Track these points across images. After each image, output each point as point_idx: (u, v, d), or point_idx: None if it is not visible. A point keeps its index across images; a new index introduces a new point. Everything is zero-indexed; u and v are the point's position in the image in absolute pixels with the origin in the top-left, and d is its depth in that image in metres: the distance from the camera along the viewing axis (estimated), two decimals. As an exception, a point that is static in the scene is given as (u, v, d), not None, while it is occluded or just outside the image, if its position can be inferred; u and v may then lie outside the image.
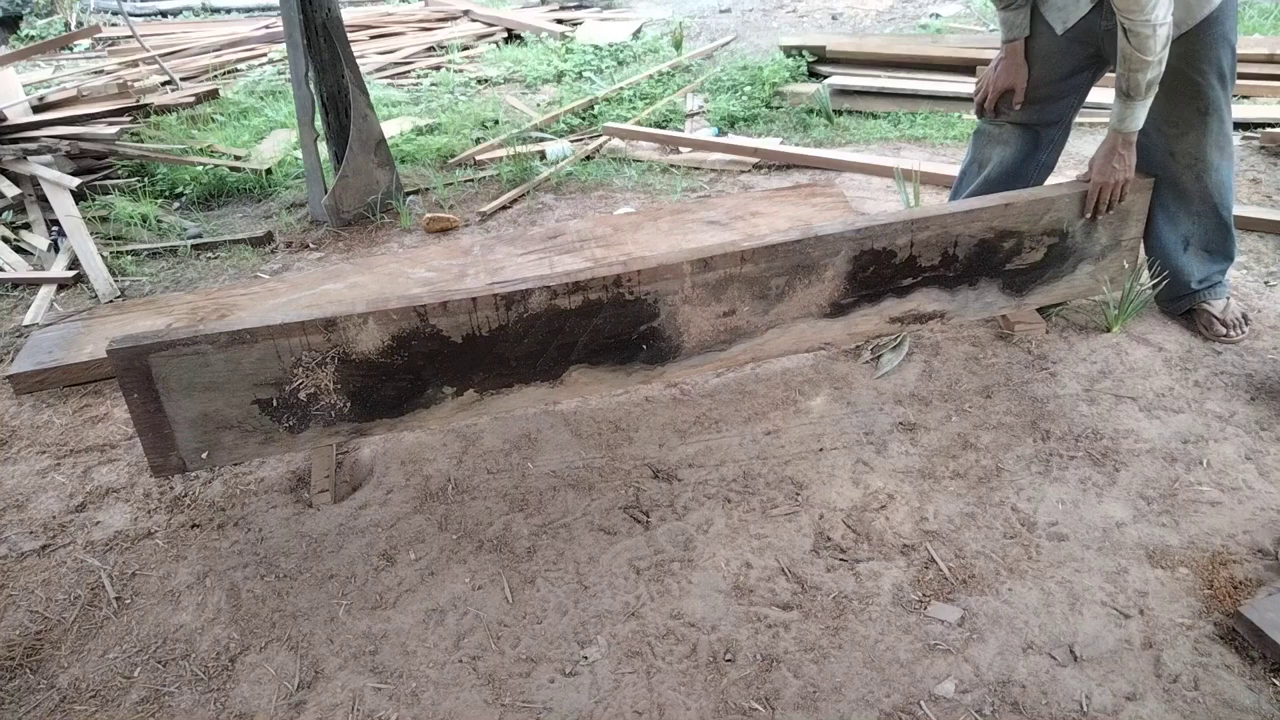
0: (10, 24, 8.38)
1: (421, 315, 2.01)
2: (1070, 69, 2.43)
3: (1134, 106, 2.17)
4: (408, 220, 3.75)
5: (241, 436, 2.05)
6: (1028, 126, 2.57)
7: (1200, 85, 2.24)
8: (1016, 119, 2.57)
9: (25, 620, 1.91)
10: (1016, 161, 2.61)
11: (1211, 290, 2.52)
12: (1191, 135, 2.32)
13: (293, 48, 3.60)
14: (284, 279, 3.23)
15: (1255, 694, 1.57)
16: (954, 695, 1.60)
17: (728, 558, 1.92)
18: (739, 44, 6.31)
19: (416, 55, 6.53)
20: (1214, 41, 2.19)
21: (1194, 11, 2.15)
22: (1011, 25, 2.44)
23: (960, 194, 2.77)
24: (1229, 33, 2.21)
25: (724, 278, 2.18)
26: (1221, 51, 2.21)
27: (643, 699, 1.63)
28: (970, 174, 2.73)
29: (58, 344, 2.82)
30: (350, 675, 1.73)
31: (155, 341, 1.90)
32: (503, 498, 2.14)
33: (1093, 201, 2.33)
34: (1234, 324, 2.49)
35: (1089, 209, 2.34)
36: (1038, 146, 2.60)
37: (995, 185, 2.60)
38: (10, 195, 4.10)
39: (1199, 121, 2.29)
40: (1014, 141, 2.60)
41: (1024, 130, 2.58)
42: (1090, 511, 1.98)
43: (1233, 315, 2.50)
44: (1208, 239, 2.47)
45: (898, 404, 2.36)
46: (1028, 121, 2.56)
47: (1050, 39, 2.40)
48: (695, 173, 4.09)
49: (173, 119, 5.10)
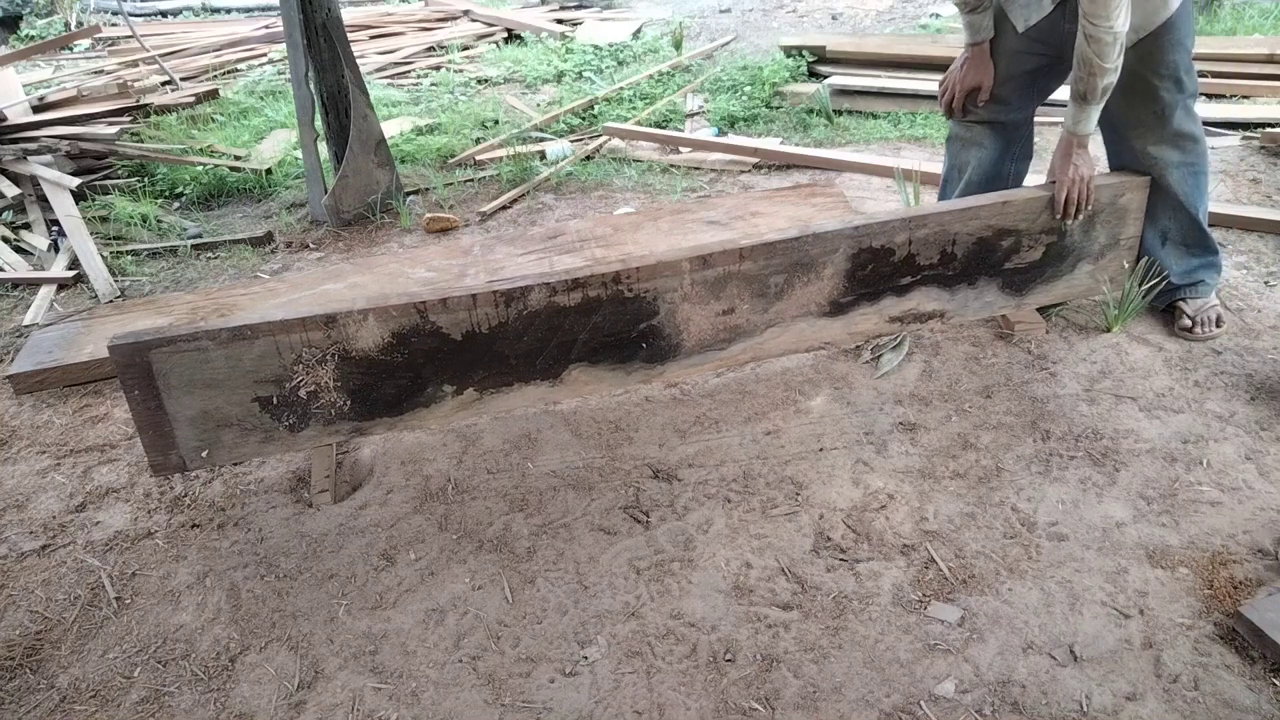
0: (10, 24, 8.38)
1: (421, 312, 2.01)
2: (1033, 67, 2.49)
3: (1088, 110, 2.24)
4: (408, 220, 3.75)
5: (241, 435, 2.05)
6: (996, 125, 2.62)
7: (1156, 89, 2.31)
8: (982, 117, 2.61)
9: (25, 620, 1.91)
10: (993, 162, 2.66)
11: (1193, 290, 2.55)
12: (1151, 136, 2.38)
13: (293, 48, 3.60)
14: (284, 279, 3.23)
15: (1255, 694, 1.56)
16: (954, 695, 1.60)
17: (728, 558, 1.92)
18: (739, 44, 6.31)
19: (416, 55, 6.54)
20: (1169, 47, 2.26)
21: (1150, 18, 2.21)
22: (977, 28, 2.50)
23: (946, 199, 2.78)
24: (1184, 38, 2.27)
25: (723, 275, 2.18)
26: (1177, 56, 2.28)
27: (643, 699, 1.63)
28: (952, 180, 2.78)
29: (58, 344, 2.82)
30: (350, 675, 1.73)
31: (156, 337, 1.90)
32: (503, 498, 2.14)
33: (1060, 203, 2.35)
34: (1203, 323, 2.52)
35: (1058, 211, 2.36)
36: (1009, 145, 2.66)
37: (976, 188, 2.65)
38: (10, 195, 4.10)
39: (1156, 124, 2.36)
40: (987, 142, 2.64)
41: (993, 130, 2.63)
42: (1090, 511, 1.98)
43: (1206, 315, 2.52)
44: (1183, 234, 2.51)
45: (898, 404, 2.36)
46: (994, 119, 2.60)
47: (1013, 37, 2.45)
48: (695, 173, 4.09)
49: (173, 119, 5.10)
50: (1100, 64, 2.11)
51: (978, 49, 2.52)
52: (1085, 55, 2.12)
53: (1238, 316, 2.60)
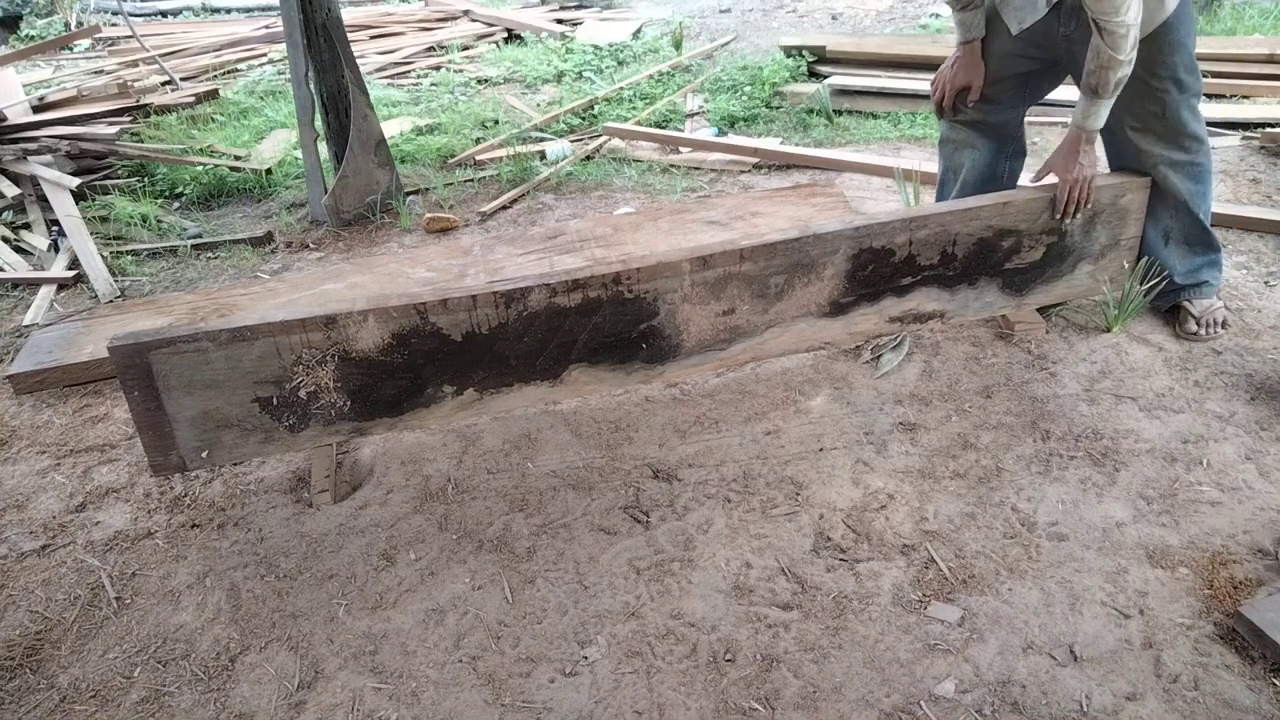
0: (10, 24, 8.38)
1: (421, 313, 2.01)
2: (1025, 70, 2.48)
3: (1099, 104, 2.21)
4: (408, 220, 3.75)
5: (241, 435, 2.05)
6: (986, 126, 2.62)
7: (1156, 89, 2.29)
8: (972, 118, 2.61)
9: (25, 620, 1.91)
10: (988, 163, 2.66)
11: (1197, 290, 2.54)
12: (1151, 135, 2.37)
13: (293, 48, 3.60)
14: (284, 279, 3.23)
15: (1255, 694, 1.57)
16: (954, 695, 1.60)
17: (728, 558, 1.92)
18: (739, 44, 6.31)
19: (416, 55, 6.54)
20: (1168, 47, 2.24)
21: (1150, 17, 2.19)
22: (968, 26, 2.49)
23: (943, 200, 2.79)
24: (1185, 39, 2.25)
25: (723, 276, 2.18)
26: (1177, 57, 2.26)
27: (643, 699, 1.63)
28: (948, 182, 2.78)
29: (58, 344, 2.82)
30: (350, 675, 1.73)
31: (156, 338, 1.90)
32: (503, 498, 2.14)
33: (1062, 202, 2.33)
34: (1208, 324, 2.51)
35: (1059, 210, 2.34)
36: (1002, 144, 2.65)
37: (973, 189, 2.66)
38: (10, 195, 4.10)
39: (1157, 124, 2.35)
40: (979, 144, 2.65)
41: (984, 131, 2.63)
42: (1090, 511, 1.98)
43: (1211, 318, 2.52)
44: (1186, 233, 2.50)
45: (898, 404, 2.36)
46: (984, 120, 2.60)
47: (1006, 39, 2.44)
48: (695, 173, 4.09)
49: (173, 119, 5.10)
50: (1114, 55, 2.08)
51: (969, 48, 2.51)
52: (1099, 47, 2.09)
53: (1238, 316, 2.60)
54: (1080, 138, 2.28)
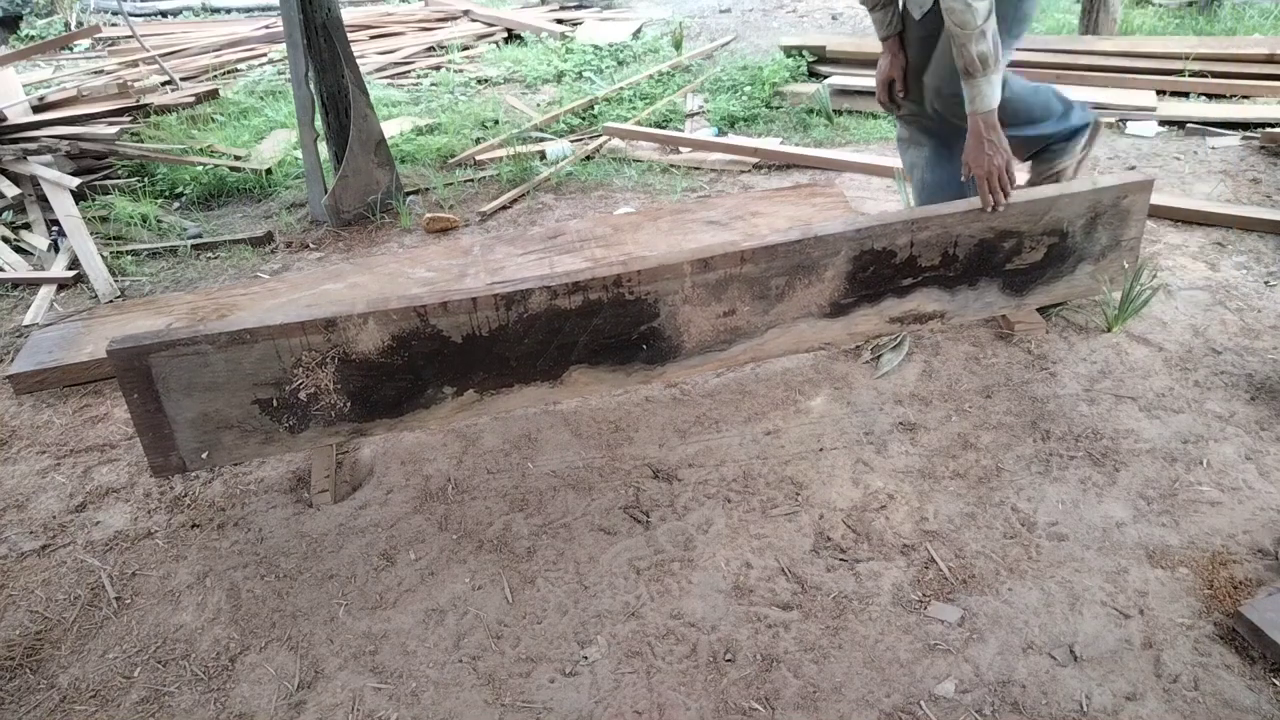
0: (10, 24, 8.38)
1: (421, 315, 2.01)
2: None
3: (977, 84, 2.16)
4: (408, 220, 3.75)
5: (241, 436, 2.05)
6: (927, 120, 2.62)
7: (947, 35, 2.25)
8: (911, 109, 2.65)
9: (25, 620, 1.91)
10: (940, 160, 2.67)
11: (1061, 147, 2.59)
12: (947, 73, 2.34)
13: (293, 48, 3.60)
14: (284, 279, 3.23)
15: (1255, 694, 1.57)
16: (954, 695, 1.60)
17: (728, 558, 1.92)
18: (739, 44, 6.31)
19: (416, 55, 6.54)
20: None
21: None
22: (882, 24, 2.56)
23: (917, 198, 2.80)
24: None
25: (724, 278, 2.18)
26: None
27: (643, 699, 1.63)
28: (913, 179, 2.80)
29: (58, 344, 2.82)
30: (350, 675, 1.73)
31: (155, 341, 1.90)
32: (503, 498, 2.14)
33: (985, 196, 2.28)
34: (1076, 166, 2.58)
35: (986, 206, 2.29)
36: (948, 139, 2.61)
37: (931, 187, 2.67)
38: (10, 195, 4.10)
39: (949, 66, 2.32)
40: (924, 140, 2.67)
41: (926, 128, 2.65)
42: (1090, 511, 1.98)
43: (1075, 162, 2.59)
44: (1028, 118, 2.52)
45: (898, 404, 2.36)
46: (922, 112, 2.61)
47: (913, 26, 2.50)
48: (695, 173, 4.09)
49: (173, 119, 5.10)
50: (961, 32, 2.08)
51: (889, 43, 2.58)
52: (950, 29, 2.11)
53: (1238, 316, 2.60)
54: (979, 124, 2.22)
